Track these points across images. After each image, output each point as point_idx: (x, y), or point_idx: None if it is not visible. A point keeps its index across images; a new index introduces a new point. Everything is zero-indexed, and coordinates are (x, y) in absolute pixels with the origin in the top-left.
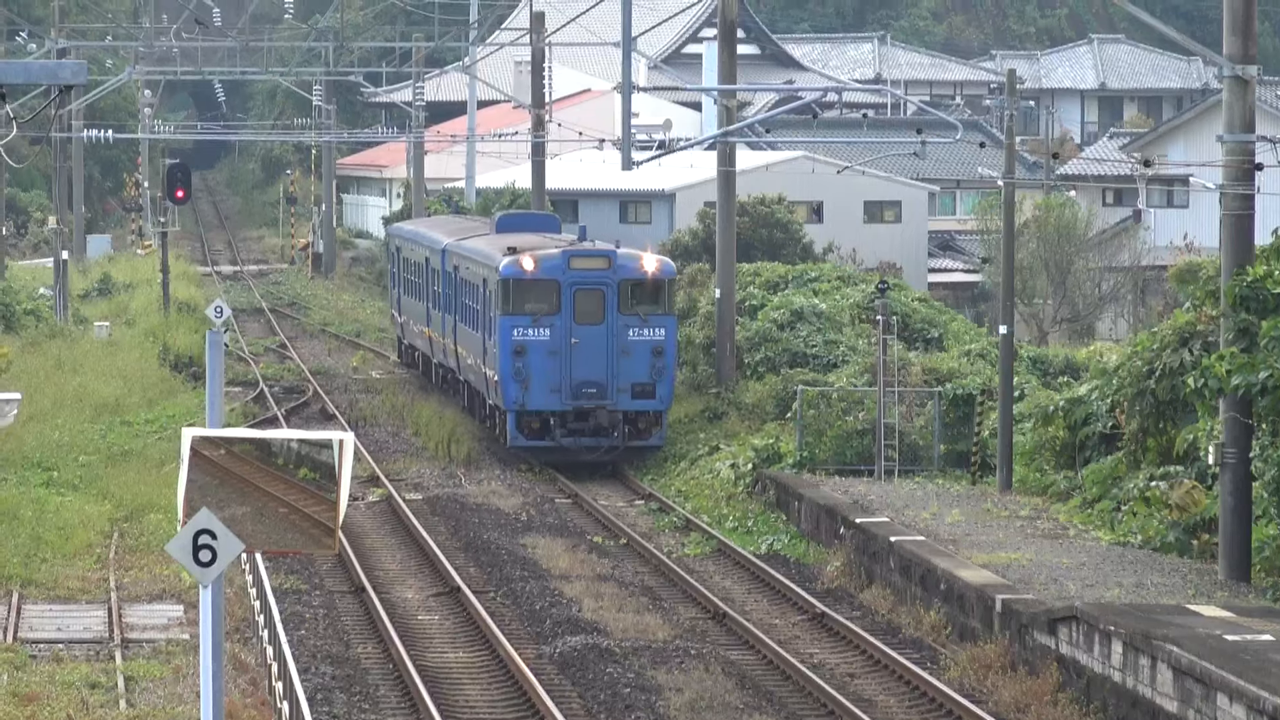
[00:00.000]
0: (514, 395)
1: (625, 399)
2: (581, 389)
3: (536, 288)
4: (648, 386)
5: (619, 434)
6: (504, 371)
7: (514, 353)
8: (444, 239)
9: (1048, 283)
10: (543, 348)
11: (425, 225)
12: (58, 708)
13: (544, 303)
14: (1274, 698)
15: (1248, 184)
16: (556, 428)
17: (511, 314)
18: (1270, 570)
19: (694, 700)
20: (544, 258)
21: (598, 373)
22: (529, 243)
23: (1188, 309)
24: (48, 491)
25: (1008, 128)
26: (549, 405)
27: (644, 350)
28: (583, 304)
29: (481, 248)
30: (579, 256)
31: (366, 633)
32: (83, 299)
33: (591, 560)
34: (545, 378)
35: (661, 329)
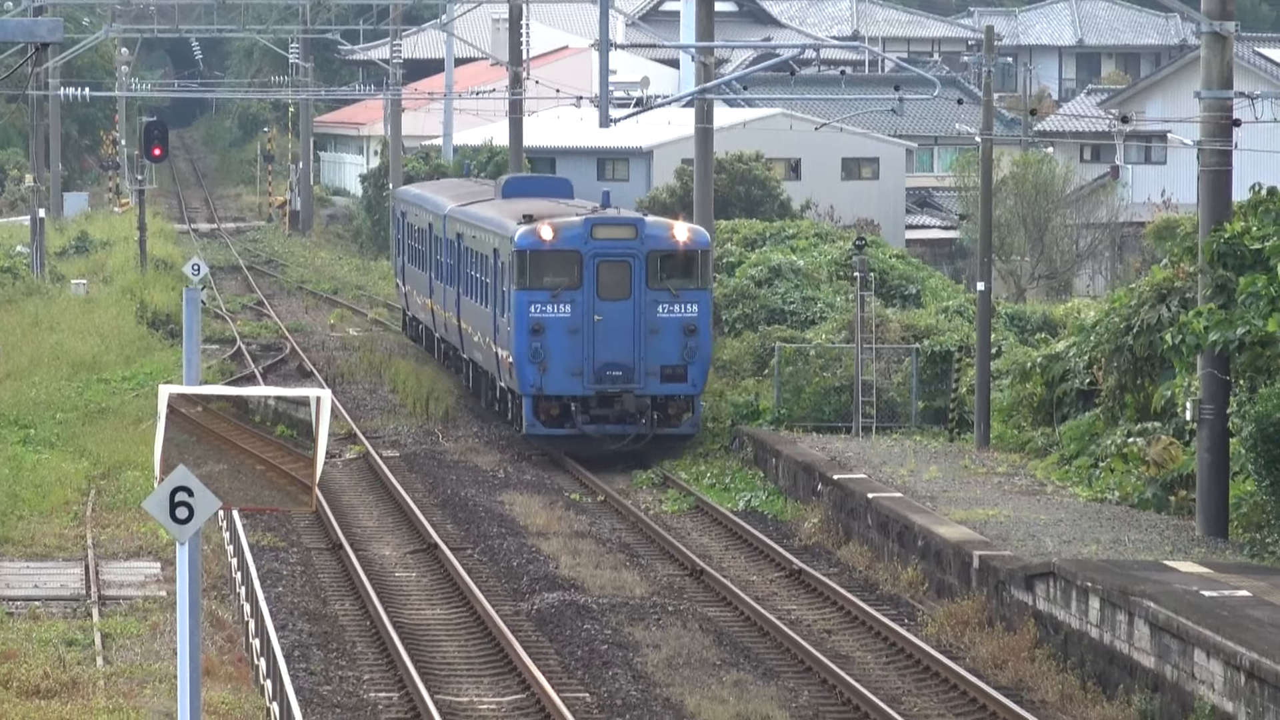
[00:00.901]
0: (531, 378)
1: (654, 382)
2: (605, 371)
3: (556, 259)
4: (678, 369)
5: (647, 421)
6: (519, 352)
7: (531, 331)
8: (446, 203)
9: (1025, 239)
10: (562, 326)
11: (430, 189)
12: (34, 665)
13: (564, 276)
14: (1250, 653)
15: (1225, 140)
16: (578, 414)
17: (528, 288)
18: (1247, 526)
19: (671, 657)
20: (564, 226)
21: (623, 354)
22: (544, 209)
23: (1165, 265)
24: (24, 449)
25: (985, 84)
26: (569, 389)
27: (674, 329)
28: (607, 277)
29: (490, 214)
30: (603, 225)
31: (344, 590)
32: (60, 257)
33: (569, 517)
34: (565, 359)
35: (694, 305)
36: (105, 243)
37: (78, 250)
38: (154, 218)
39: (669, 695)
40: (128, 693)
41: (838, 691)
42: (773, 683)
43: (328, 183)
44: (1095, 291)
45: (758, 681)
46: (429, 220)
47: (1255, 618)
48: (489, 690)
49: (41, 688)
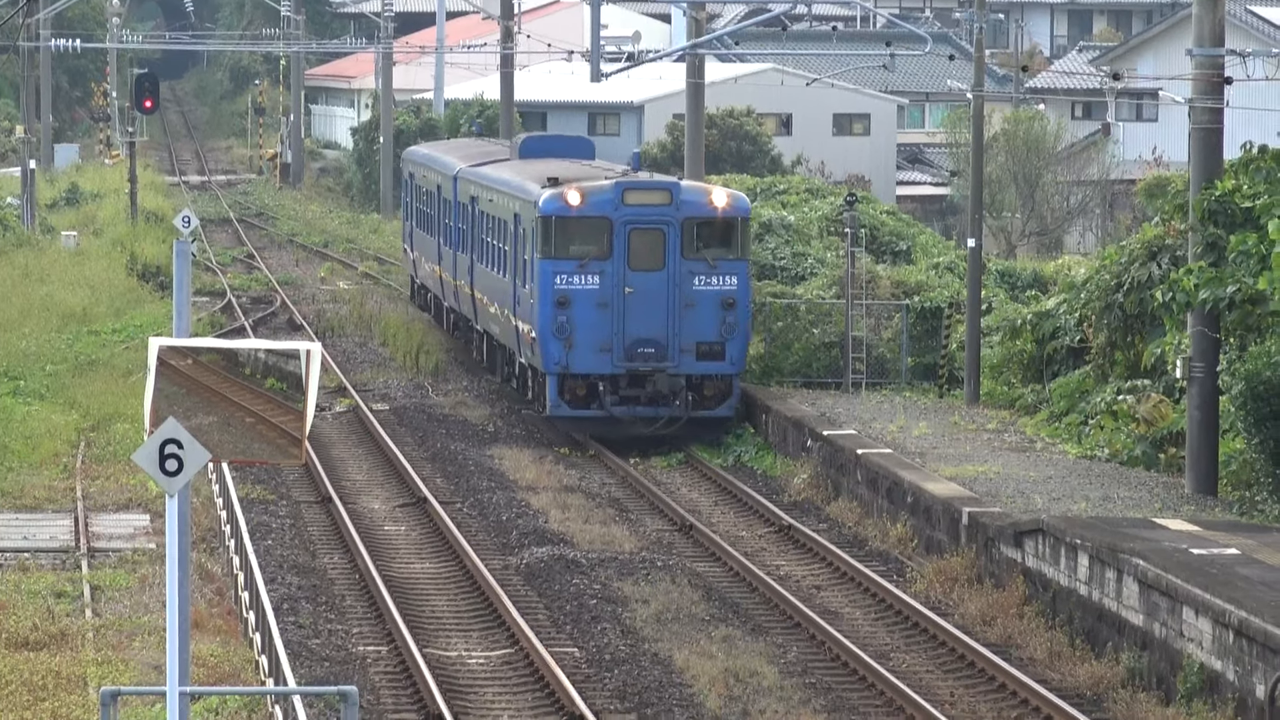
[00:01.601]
0: (556, 355)
1: (689, 360)
2: (636, 348)
3: (583, 226)
4: (715, 346)
5: (681, 402)
6: (543, 327)
7: (556, 304)
8: (457, 164)
9: (1016, 196)
10: (590, 299)
11: (440, 149)
12: (24, 616)
13: (592, 244)
14: (1239, 611)
15: (1217, 98)
16: (606, 395)
17: (553, 257)
18: (1237, 484)
19: (660, 612)
20: (592, 191)
21: (656, 329)
22: (569, 171)
23: (1156, 223)
24: (14, 400)
25: (977, 40)
26: (597, 368)
27: (711, 302)
28: (639, 246)
29: (508, 176)
30: (635, 189)
31: (333, 543)
32: (50, 208)
33: (558, 471)
34: (593, 335)
35: (733, 277)
36: (96, 195)
37: (68, 202)
38: (145, 170)
39: (657, 650)
40: (116, 645)
41: (826, 647)
42: (761, 638)
43: (318, 136)
44: (1086, 249)
45: (746, 637)
46: (438, 182)
47: (1244, 575)
48: (478, 644)
49: (30, 639)
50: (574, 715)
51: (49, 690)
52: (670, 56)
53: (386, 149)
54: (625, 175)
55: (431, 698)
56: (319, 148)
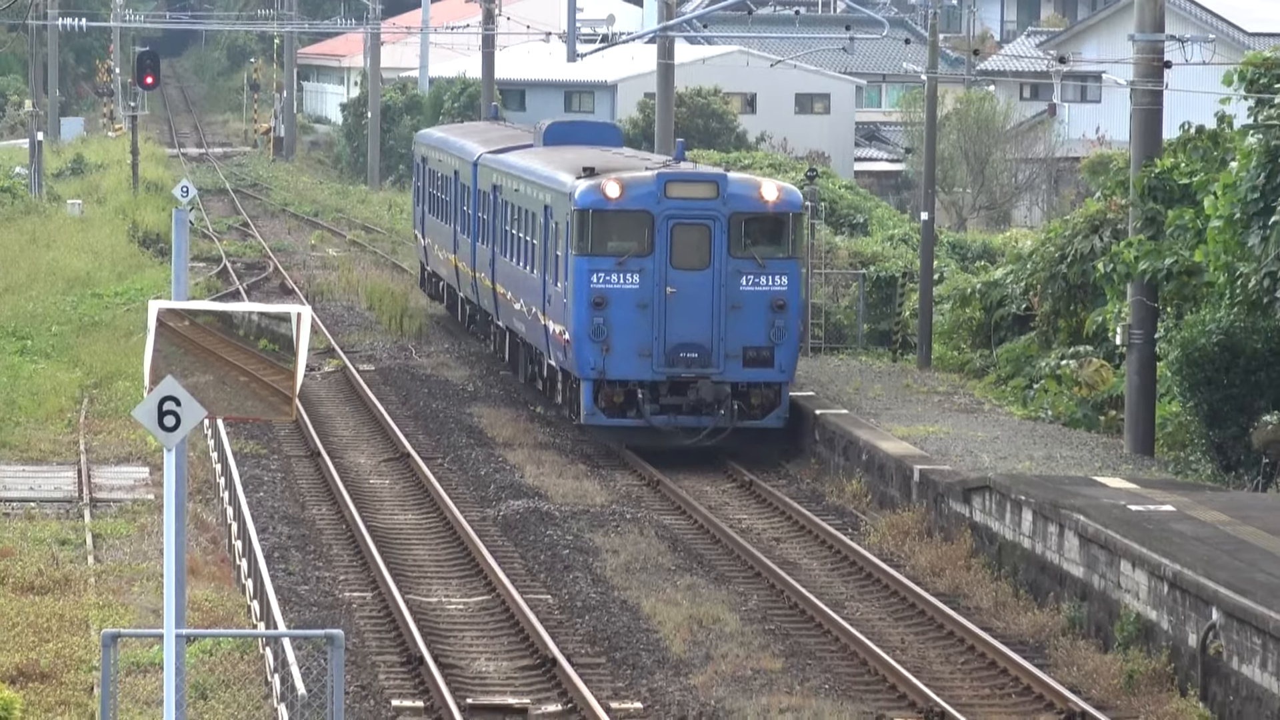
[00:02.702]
0: (591, 360)
1: (735, 367)
2: (679, 353)
3: (623, 221)
4: (763, 351)
5: (726, 412)
6: (579, 329)
7: (592, 305)
8: (476, 149)
9: (967, 172)
10: (629, 299)
11: (456, 133)
12: (29, 562)
13: (632, 240)
14: (1173, 565)
15: (1157, 81)
16: (646, 403)
17: (590, 254)
18: (1172, 445)
19: (629, 561)
20: (633, 182)
21: (700, 332)
22: (602, 160)
23: (1098, 198)
24: (22, 359)
25: (931, 25)
26: (636, 374)
27: (760, 304)
28: (682, 243)
29: (536, 165)
30: (678, 181)
31: (321, 495)
32: (56, 178)
33: (534, 429)
34: (632, 338)
35: (783, 277)
36: (99, 165)
37: (73, 172)
38: (146, 142)
39: (626, 598)
40: (117, 590)
41: (785, 596)
42: (724, 587)
43: (310, 111)
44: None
45: (709, 585)
46: (455, 168)
47: (1178, 531)
48: (457, 591)
49: (36, 584)
50: (547, 658)
51: (53, 632)
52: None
53: (374, 124)
54: (667, 166)
55: (413, 641)
56: (310, 122)
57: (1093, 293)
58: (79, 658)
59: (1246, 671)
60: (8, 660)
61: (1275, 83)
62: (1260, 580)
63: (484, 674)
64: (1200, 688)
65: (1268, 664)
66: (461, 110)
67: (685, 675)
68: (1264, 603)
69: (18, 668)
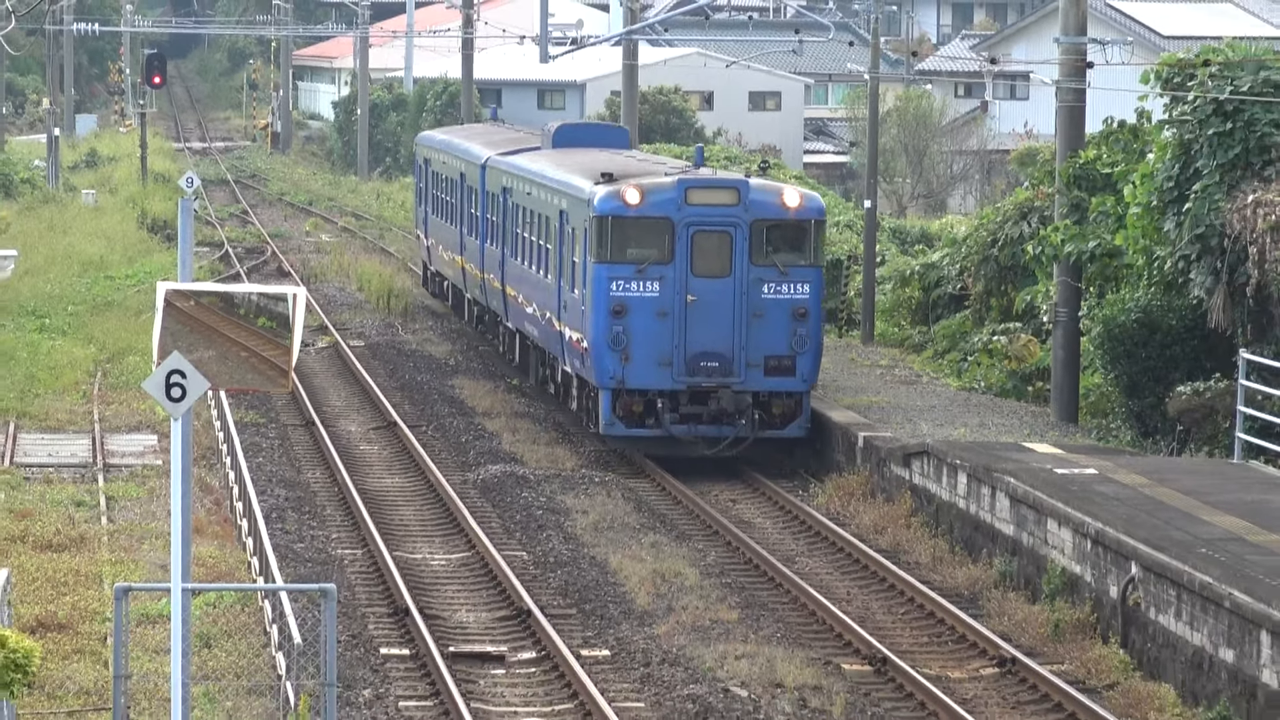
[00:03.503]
0: (610, 369)
1: (756, 376)
2: (699, 362)
3: (643, 228)
4: (785, 360)
5: (748, 421)
6: (597, 337)
7: (611, 313)
8: (484, 151)
9: (906, 164)
10: (649, 307)
11: (459, 135)
12: (48, 522)
13: (652, 248)
14: (1095, 523)
15: (1080, 80)
16: (665, 412)
17: (609, 261)
18: (1095, 413)
19: (597, 521)
20: (653, 188)
21: (721, 341)
22: (622, 166)
23: (1027, 187)
24: (41, 336)
25: (874, 29)
26: (656, 383)
27: (781, 312)
28: (703, 250)
29: (549, 169)
30: (699, 188)
31: (315, 460)
32: (72, 170)
33: (510, 400)
34: (652, 347)
35: (805, 285)
36: (111, 158)
37: (87, 165)
38: (154, 137)
39: (594, 554)
40: (128, 547)
41: (740, 552)
42: (684, 544)
43: (304, 108)
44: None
45: (671, 543)
46: (461, 169)
47: (1100, 492)
48: (440, 548)
49: (54, 542)
50: (522, 609)
51: (70, 586)
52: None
53: (363, 120)
54: (686, 172)
55: (400, 594)
56: (305, 119)
57: (1022, 274)
58: (93, 610)
59: (1162, 620)
60: (28, 612)
61: (1188, 81)
62: (1175, 537)
63: (465, 624)
64: (1120, 635)
65: (1182, 614)
66: (443, 107)
67: (649, 625)
68: (1179, 558)
69: (37, 619)
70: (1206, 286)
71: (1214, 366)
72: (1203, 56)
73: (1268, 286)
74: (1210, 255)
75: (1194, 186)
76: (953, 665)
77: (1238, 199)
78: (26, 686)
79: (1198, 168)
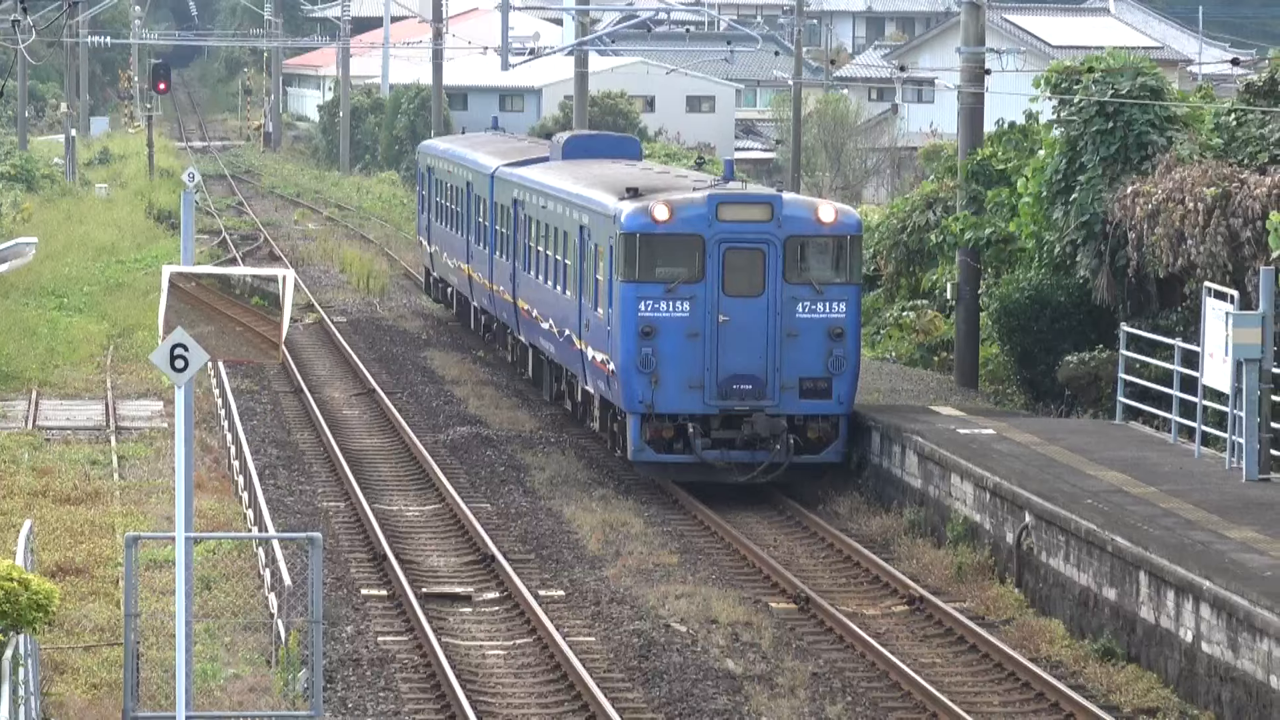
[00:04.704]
0: (639, 393)
1: (791, 399)
2: (731, 385)
3: (672, 245)
4: (821, 382)
5: (782, 447)
6: (625, 360)
7: (640, 334)
8: (492, 162)
9: (826, 159)
10: (679, 328)
11: (463, 144)
12: (66, 479)
13: (682, 266)
14: (993, 477)
15: (979, 85)
16: (696, 437)
17: (638, 280)
18: (992, 380)
19: (553, 476)
20: (682, 204)
21: (754, 363)
22: (646, 180)
23: (932, 180)
24: (59, 313)
25: (796, 40)
26: (687, 407)
27: (817, 332)
28: (735, 268)
29: (564, 182)
30: (731, 203)
31: (303, 423)
32: (87, 166)
33: (476, 369)
34: (682, 369)
35: (842, 303)
36: (122, 156)
37: (100, 161)
38: (159, 137)
39: (550, 506)
40: (138, 501)
41: (678, 504)
42: (630, 497)
43: (293, 111)
44: (879, 200)
45: (618, 496)
46: (467, 179)
47: (997, 450)
48: (414, 501)
49: (72, 496)
50: (487, 555)
51: (86, 535)
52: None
53: (345, 122)
54: (716, 186)
55: (379, 541)
56: (293, 120)
57: (928, 257)
58: (106, 556)
59: (1052, 563)
60: (49, 558)
61: (1074, 86)
62: (1064, 490)
63: (436, 568)
64: (1016, 577)
65: (1069, 557)
66: (416, 110)
67: (599, 569)
68: (1066, 508)
69: (57, 564)
70: (1091, 267)
71: (1098, 338)
72: (1087, 64)
73: (1145, 267)
74: (1094, 240)
75: (1079, 179)
76: (868, 603)
77: (1118, 190)
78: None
79: (1083, 162)
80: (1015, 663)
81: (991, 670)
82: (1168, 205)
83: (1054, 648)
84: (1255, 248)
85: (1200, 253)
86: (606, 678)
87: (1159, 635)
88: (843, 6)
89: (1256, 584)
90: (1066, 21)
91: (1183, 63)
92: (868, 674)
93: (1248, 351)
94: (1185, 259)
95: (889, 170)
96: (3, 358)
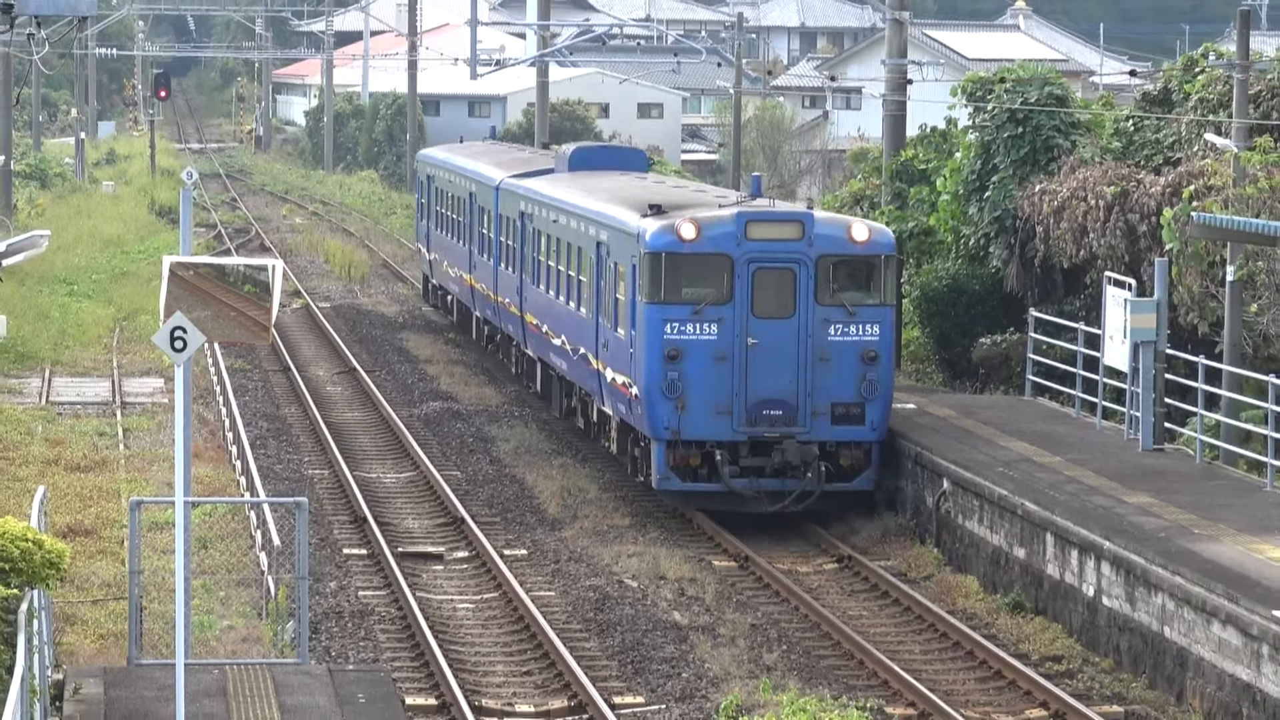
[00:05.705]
0: (665, 418)
1: (823, 425)
2: (761, 410)
3: (699, 265)
4: (853, 408)
5: (813, 474)
6: (650, 384)
7: (666, 358)
8: (496, 173)
9: (764, 160)
10: (706, 351)
11: (463, 155)
12: (77, 449)
13: (709, 287)
14: (915, 446)
15: (901, 94)
16: (724, 465)
17: (663, 302)
18: (914, 360)
19: (517, 447)
20: (709, 222)
21: (784, 388)
22: (667, 196)
23: (859, 179)
24: (70, 299)
25: (737, 53)
26: (714, 433)
27: (850, 355)
28: (765, 289)
29: (577, 196)
30: (760, 221)
31: (291, 399)
32: (95, 166)
33: (448, 350)
34: (709, 394)
35: (875, 326)
36: (126, 156)
37: (107, 161)
38: (161, 139)
39: (514, 473)
40: (141, 469)
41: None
42: (587, 465)
43: (281, 116)
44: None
45: (576, 464)
46: (470, 189)
47: (919, 423)
48: (391, 469)
49: (81, 464)
50: (457, 518)
51: (94, 500)
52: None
53: (329, 126)
54: (744, 203)
55: (359, 506)
56: (282, 125)
57: None
58: (113, 519)
59: (968, 525)
60: (61, 520)
61: (988, 95)
62: (979, 459)
63: (411, 529)
64: (935, 537)
65: (983, 519)
66: (393, 115)
67: (558, 530)
68: (980, 474)
69: (68, 526)
70: (1003, 258)
71: (1009, 322)
72: (999, 75)
73: (1051, 258)
74: (1006, 233)
75: (993, 179)
76: (801, 561)
77: (1028, 188)
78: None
79: (995, 164)
80: (934, 615)
81: (913, 622)
82: (1072, 202)
83: (969, 601)
84: (1150, 241)
85: (1101, 245)
86: (565, 628)
87: (1064, 590)
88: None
89: (1151, 544)
90: (981, 36)
91: (1086, 74)
92: (801, 625)
93: (1144, 334)
94: (1088, 251)
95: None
96: (19, 339)
